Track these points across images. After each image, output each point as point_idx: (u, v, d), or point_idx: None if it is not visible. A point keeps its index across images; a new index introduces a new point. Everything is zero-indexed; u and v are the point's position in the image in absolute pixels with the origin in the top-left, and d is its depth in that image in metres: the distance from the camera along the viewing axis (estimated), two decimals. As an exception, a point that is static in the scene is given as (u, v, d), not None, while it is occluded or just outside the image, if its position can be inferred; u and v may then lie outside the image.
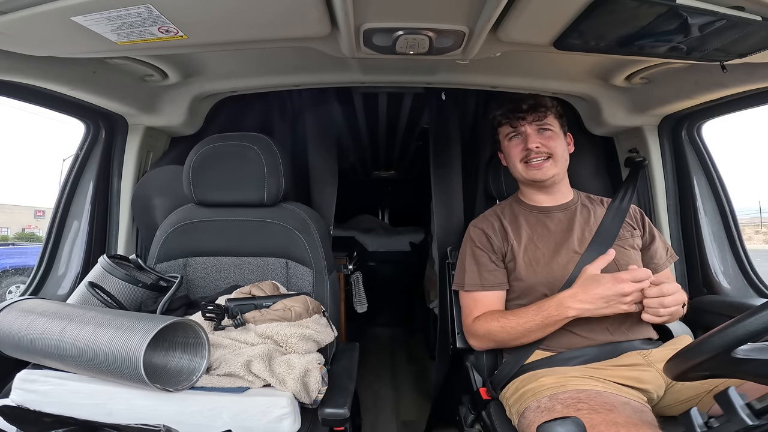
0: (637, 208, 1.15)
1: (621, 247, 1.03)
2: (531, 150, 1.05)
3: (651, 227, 1.12)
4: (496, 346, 1.03)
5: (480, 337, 1.03)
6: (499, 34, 0.81)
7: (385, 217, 4.64)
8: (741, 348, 0.54)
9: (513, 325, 0.96)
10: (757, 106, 1.10)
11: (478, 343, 1.06)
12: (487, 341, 1.02)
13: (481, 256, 1.08)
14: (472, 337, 1.06)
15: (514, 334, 0.96)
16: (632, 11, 0.67)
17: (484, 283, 1.05)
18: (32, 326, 0.77)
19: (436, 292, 1.80)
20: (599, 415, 0.72)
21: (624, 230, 1.06)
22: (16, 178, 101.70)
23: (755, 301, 1.15)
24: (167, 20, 0.72)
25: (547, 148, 1.06)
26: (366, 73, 1.25)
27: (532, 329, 0.93)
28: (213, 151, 1.15)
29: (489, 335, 1.00)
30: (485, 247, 1.09)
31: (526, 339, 0.96)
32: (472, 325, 1.04)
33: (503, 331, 0.97)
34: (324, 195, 1.73)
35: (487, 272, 1.06)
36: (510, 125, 1.10)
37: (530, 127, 1.08)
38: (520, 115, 1.08)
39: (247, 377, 0.78)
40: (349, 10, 0.73)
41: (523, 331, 0.95)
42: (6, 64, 0.88)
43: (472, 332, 1.05)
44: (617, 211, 1.09)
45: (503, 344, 1.01)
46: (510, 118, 1.10)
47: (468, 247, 1.12)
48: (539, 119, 1.08)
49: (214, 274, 1.18)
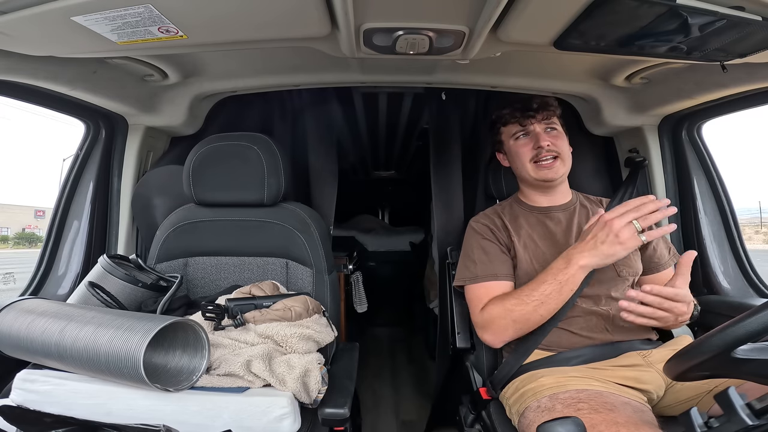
0: None
1: None
2: (542, 148, 1.05)
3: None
4: (514, 329, 0.94)
5: (494, 324, 0.95)
6: (499, 34, 0.81)
7: (385, 217, 4.64)
8: (741, 348, 0.54)
9: (527, 293, 0.91)
10: (757, 106, 1.10)
11: (492, 335, 0.97)
12: (503, 326, 0.94)
13: (491, 247, 1.06)
14: (485, 329, 0.98)
15: (532, 302, 0.90)
16: (632, 11, 0.67)
17: (498, 273, 1.02)
18: (32, 326, 0.77)
19: (436, 292, 1.80)
20: (599, 415, 0.72)
21: None
22: (16, 178, 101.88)
23: (755, 301, 1.15)
24: (167, 20, 0.72)
25: (556, 147, 1.06)
26: (366, 73, 1.25)
27: (549, 293, 0.89)
28: (213, 151, 1.15)
29: (506, 314, 0.93)
30: (492, 238, 1.07)
31: (544, 308, 0.90)
32: (481, 314, 0.98)
33: (521, 303, 0.91)
34: (324, 195, 1.74)
35: (499, 262, 1.04)
36: (519, 124, 1.10)
37: (539, 125, 1.08)
38: (530, 114, 1.08)
39: (247, 377, 0.78)
40: (349, 10, 0.73)
41: (541, 297, 0.89)
42: (6, 64, 0.88)
43: (485, 321, 0.98)
44: None
45: (522, 322, 0.93)
46: (519, 117, 1.09)
47: (474, 239, 1.09)
48: (547, 118, 1.08)
49: (214, 274, 1.18)
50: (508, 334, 0.96)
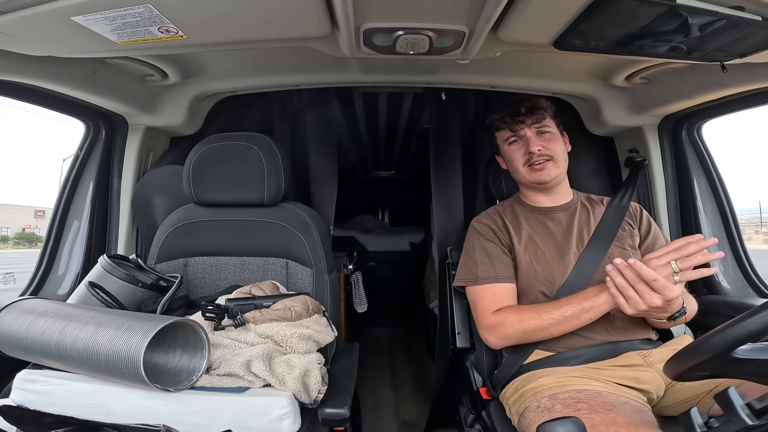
0: (638, 205, 1.13)
1: (620, 247, 1.03)
2: (533, 153, 1.05)
3: (650, 222, 1.09)
4: (520, 338, 0.95)
5: (503, 330, 0.95)
6: (499, 34, 0.81)
7: (385, 217, 4.64)
8: (741, 348, 0.54)
9: (547, 309, 0.91)
10: (757, 106, 1.10)
11: (496, 339, 0.97)
12: (511, 333, 0.95)
13: (492, 248, 1.06)
14: (491, 332, 0.98)
15: (549, 319, 0.90)
16: (632, 11, 0.67)
17: (499, 275, 1.02)
18: (32, 326, 0.77)
19: (436, 292, 1.80)
20: (599, 415, 0.72)
21: (623, 230, 1.06)
22: (16, 178, 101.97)
23: (755, 301, 1.15)
24: (167, 20, 0.72)
25: (548, 150, 1.05)
26: (366, 73, 1.25)
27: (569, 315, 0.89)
28: (213, 151, 1.15)
29: (519, 324, 0.93)
30: (494, 239, 1.07)
31: (558, 328, 0.90)
32: (492, 317, 0.98)
33: (537, 318, 0.92)
34: (324, 195, 1.74)
35: (501, 264, 1.03)
36: (509, 129, 1.09)
37: (530, 130, 1.07)
38: (519, 119, 1.07)
39: (247, 377, 0.78)
40: (349, 10, 0.73)
41: (559, 318, 0.89)
42: (6, 64, 0.88)
43: (495, 324, 0.97)
44: (616, 209, 1.08)
45: (531, 333, 0.93)
46: (509, 122, 1.09)
47: (476, 240, 1.09)
48: (538, 121, 1.07)
49: (214, 274, 1.18)
50: (512, 341, 0.98)
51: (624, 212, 1.08)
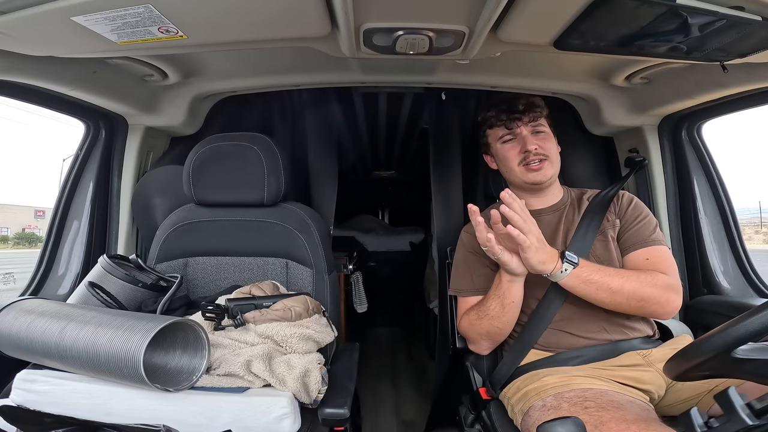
0: (626, 194, 1.08)
1: (602, 239, 1.00)
2: (530, 152, 1.03)
3: (631, 204, 1.04)
4: (488, 340, 1.01)
5: (468, 336, 1.04)
6: (499, 34, 0.81)
7: (385, 217, 4.64)
8: (741, 348, 0.54)
9: (483, 308, 0.97)
10: (757, 106, 1.10)
11: (472, 345, 1.06)
12: (476, 338, 1.02)
13: (474, 261, 1.07)
14: (467, 340, 1.07)
15: (486, 317, 0.96)
16: (632, 11, 0.67)
17: (476, 288, 1.05)
18: (32, 326, 0.77)
19: (436, 292, 1.80)
20: (608, 413, 0.71)
21: (607, 220, 1.03)
22: (16, 178, 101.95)
23: (755, 301, 1.15)
24: (167, 20, 0.72)
25: (544, 150, 1.04)
26: (366, 73, 1.25)
27: (494, 308, 0.94)
28: (213, 151, 1.15)
29: (472, 328, 1.00)
30: (477, 251, 1.06)
31: (499, 321, 0.95)
32: (460, 326, 1.06)
33: (479, 318, 0.98)
34: (324, 195, 1.74)
35: (477, 276, 1.05)
36: (505, 127, 1.07)
37: (526, 128, 1.06)
38: (516, 116, 1.06)
39: (247, 377, 0.78)
40: (349, 10, 0.73)
41: (491, 312, 0.95)
42: (6, 64, 0.88)
43: (463, 333, 1.06)
44: (600, 203, 1.04)
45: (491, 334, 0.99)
46: (504, 120, 1.07)
47: (460, 251, 1.11)
48: (534, 120, 1.06)
49: (214, 274, 1.18)
50: (486, 344, 1.03)
51: (607, 204, 1.04)
